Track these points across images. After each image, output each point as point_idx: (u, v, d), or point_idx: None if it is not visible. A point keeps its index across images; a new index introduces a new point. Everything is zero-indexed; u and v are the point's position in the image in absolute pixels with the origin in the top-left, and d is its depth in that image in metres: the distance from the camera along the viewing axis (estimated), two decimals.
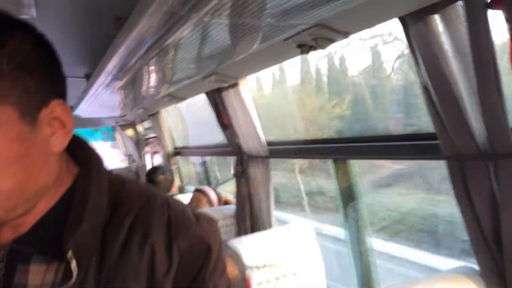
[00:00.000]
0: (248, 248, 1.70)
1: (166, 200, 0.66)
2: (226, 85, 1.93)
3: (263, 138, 2.08)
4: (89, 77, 2.26)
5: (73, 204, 0.59)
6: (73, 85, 2.61)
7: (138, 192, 0.66)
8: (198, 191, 2.70)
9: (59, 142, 0.58)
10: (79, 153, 0.65)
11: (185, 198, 2.91)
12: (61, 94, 0.59)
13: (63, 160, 0.62)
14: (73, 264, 0.55)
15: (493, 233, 1.05)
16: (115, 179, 0.66)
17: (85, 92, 2.33)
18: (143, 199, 0.64)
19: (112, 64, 1.52)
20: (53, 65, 0.58)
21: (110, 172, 0.67)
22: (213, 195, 2.62)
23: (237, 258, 1.16)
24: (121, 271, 0.58)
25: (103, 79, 1.76)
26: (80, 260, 0.56)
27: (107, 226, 0.60)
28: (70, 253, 0.56)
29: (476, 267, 1.13)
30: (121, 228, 0.60)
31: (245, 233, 2.30)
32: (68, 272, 0.55)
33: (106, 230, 0.60)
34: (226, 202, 2.68)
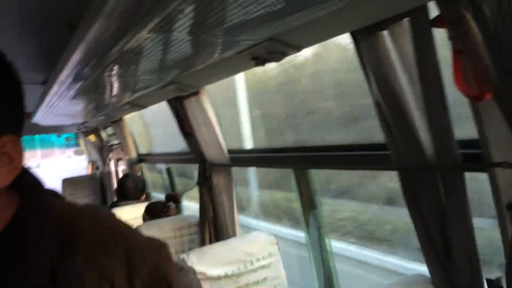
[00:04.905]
0: (210, 258, 1.69)
1: (116, 228, 0.63)
2: (186, 93, 1.92)
3: (224, 146, 2.07)
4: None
5: (12, 245, 0.53)
6: (30, 91, 2.52)
7: (88, 223, 0.61)
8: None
9: (3, 178, 0.54)
10: (19, 180, 0.58)
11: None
12: (16, 129, 0.55)
13: (3, 192, 0.56)
14: None
15: (443, 243, 1.08)
16: (63, 208, 0.61)
17: (41, 100, 2.25)
18: (93, 232, 0.60)
19: (65, 73, 1.47)
20: (7, 102, 0.54)
21: (57, 199, 0.62)
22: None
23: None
24: None
25: (57, 88, 1.70)
26: None
27: (57, 264, 0.55)
28: None
29: (428, 275, 1.16)
30: (74, 266, 0.56)
31: (210, 242, 2.28)
32: None
33: (56, 268, 0.54)
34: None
